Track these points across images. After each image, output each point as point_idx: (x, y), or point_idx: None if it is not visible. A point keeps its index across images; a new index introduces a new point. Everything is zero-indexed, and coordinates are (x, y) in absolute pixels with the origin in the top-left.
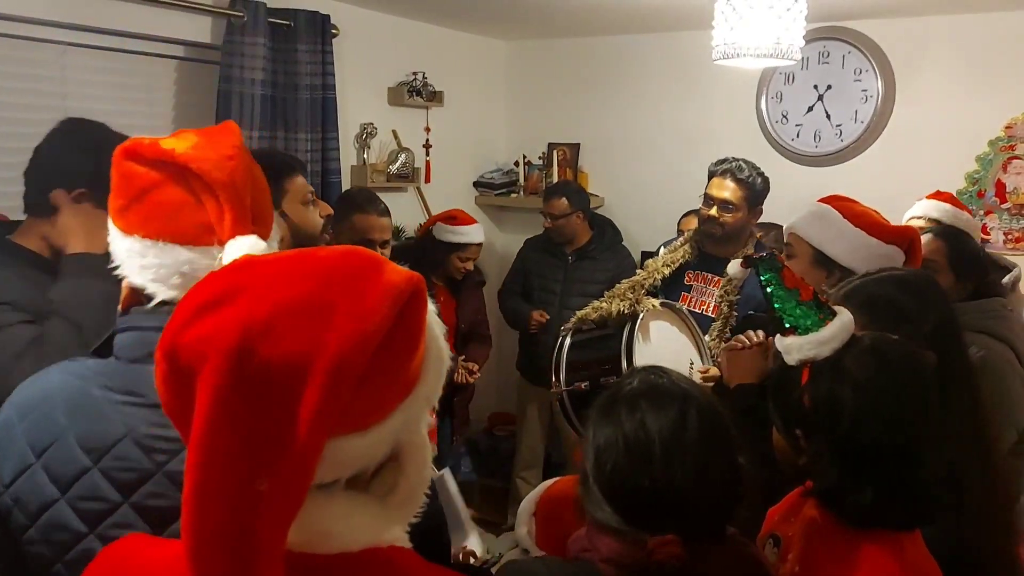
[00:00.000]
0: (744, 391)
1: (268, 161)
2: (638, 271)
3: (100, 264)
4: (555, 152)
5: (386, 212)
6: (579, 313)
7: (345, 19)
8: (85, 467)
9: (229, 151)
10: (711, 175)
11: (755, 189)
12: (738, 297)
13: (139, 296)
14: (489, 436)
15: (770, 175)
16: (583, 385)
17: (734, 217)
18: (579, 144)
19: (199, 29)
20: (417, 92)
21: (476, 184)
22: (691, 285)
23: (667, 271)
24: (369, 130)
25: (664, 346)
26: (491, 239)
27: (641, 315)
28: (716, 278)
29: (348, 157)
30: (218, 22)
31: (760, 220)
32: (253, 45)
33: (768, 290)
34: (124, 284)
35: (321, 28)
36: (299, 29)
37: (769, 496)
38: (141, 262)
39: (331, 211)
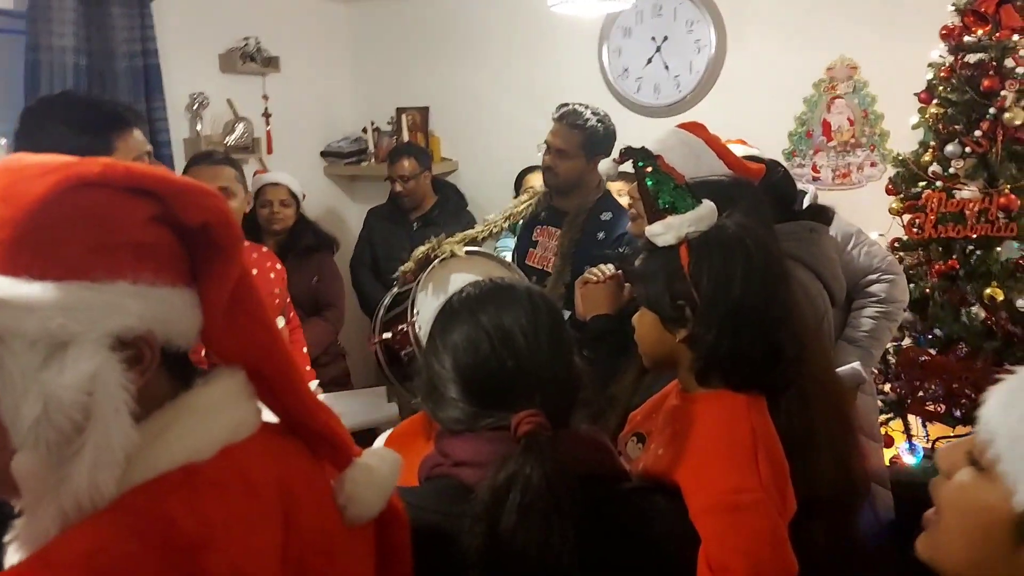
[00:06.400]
0: (599, 320)
1: (94, 112)
2: (477, 225)
3: None
4: (404, 117)
5: (224, 162)
6: (402, 268)
7: None
8: None
9: None
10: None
11: (593, 136)
12: (574, 249)
13: None
14: None
15: (616, 129)
16: (387, 336)
17: (568, 166)
18: (428, 107)
19: None
20: (251, 58)
21: (324, 154)
22: (537, 241)
23: (505, 224)
24: (201, 100)
25: None
26: (343, 211)
27: (433, 263)
28: (559, 231)
29: (180, 129)
30: None
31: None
32: (61, 10)
33: (647, 175)
34: None
35: None
36: None
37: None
38: None
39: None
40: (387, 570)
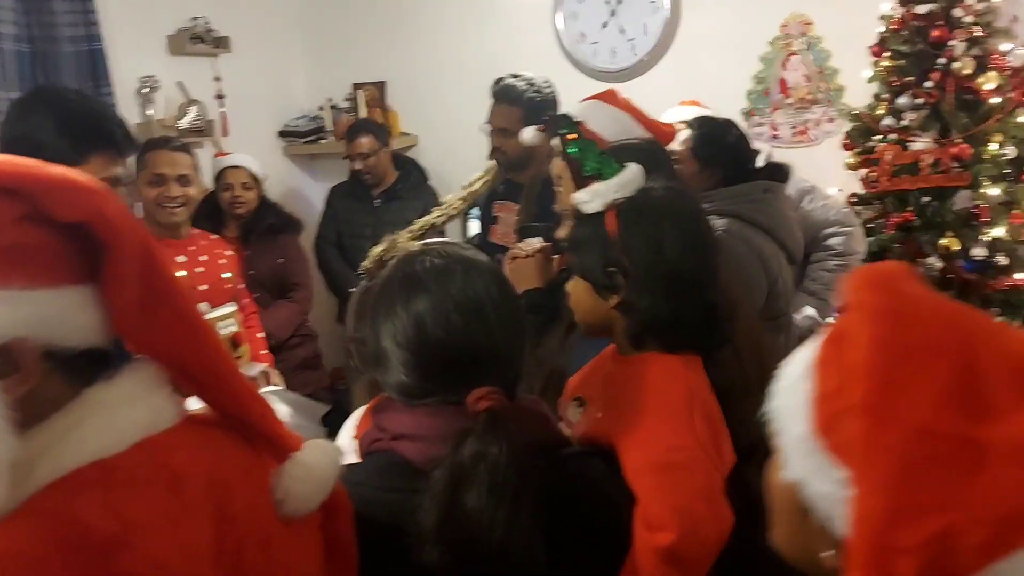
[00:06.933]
0: (530, 295)
1: (91, 121)
2: (433, 209)
3: None
4: (361, 92)
5: (183, 149)
6: (363, 264)
7: None
8: None
9: None
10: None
11: (531, 106)
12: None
13: None
14: (331, 392)
15: (574, 95)
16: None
17: (515, 143)
18: (384, 82)
19: None
20: (200, 39)
21: (282, 133)
22: (498, 216)
23: (462, 205)
24: (151, 84)
25: None
26: (304, 190)
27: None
28: (518, 206)
29: (130, 115)
30: None
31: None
32: None
33: (570, 143)
34: None
35: None
36: None
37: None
38: None
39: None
40: (332, 559)
